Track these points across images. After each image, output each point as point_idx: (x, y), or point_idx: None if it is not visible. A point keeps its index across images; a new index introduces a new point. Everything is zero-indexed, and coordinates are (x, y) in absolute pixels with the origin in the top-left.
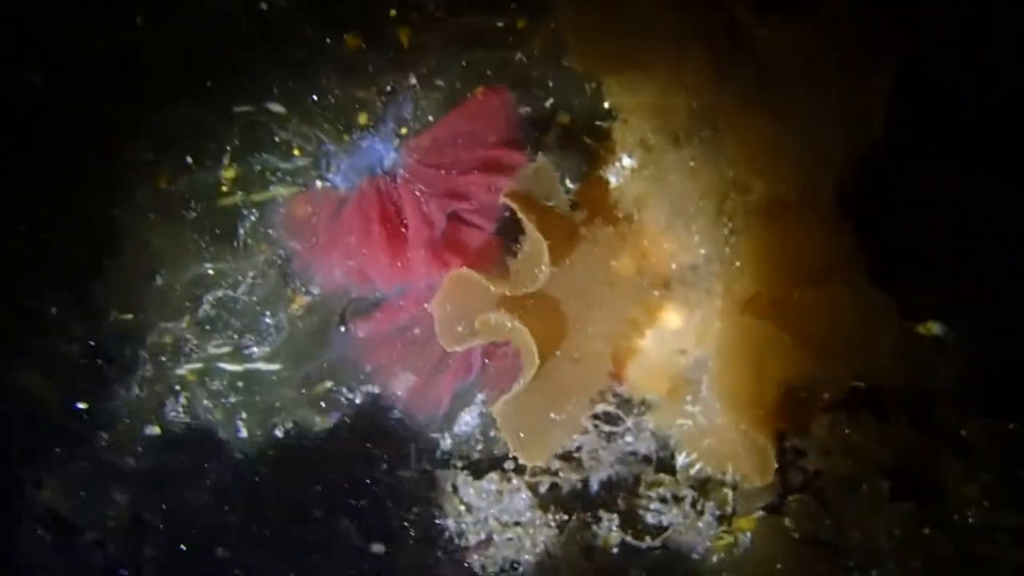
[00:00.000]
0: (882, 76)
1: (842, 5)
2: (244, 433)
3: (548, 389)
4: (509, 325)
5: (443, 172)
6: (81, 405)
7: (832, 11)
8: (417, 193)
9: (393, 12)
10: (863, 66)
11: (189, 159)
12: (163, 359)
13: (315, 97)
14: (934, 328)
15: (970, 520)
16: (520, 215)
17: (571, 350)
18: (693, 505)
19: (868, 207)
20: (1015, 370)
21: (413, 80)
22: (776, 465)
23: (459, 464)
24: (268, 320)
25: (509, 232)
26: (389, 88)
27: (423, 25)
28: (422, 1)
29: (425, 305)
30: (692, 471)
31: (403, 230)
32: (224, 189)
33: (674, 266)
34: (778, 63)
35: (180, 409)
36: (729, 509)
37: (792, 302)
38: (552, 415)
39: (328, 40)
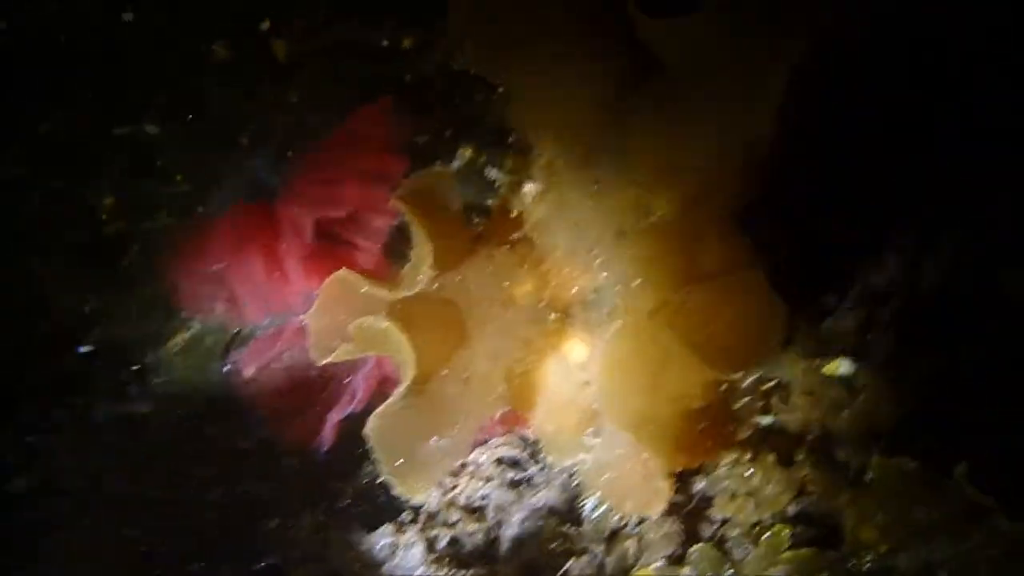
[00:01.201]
0: (776, 72)
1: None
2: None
3: (431, 409)
4: (384, 326)
5: (320, 187)
6: None
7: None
8: (295, 210)
9: (266, 23)
10: (757, 61)
11: (61, 183)
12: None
13: (191, 116)
14: (841, 367)
15: (868, 565)
16: (408, 216)
17: (459, 369)
18: (596, 559)
19: (769, 219)
20: (921, 407)
21: (294, 97)
22: (670, 493)
23: (358, 515)
24: (149, 358)
25: (398, 255)
26: (267, 105)
27: (300, 39)
28: (297, 13)
29: (300, 317)
30: (596, 517)
31: (277, 248)
32: (104, 217)
33: (575, 290)
34: (675, 68)
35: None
36: (630, 561)
37: (683, 305)
38: (434, 439)
39: (200, 52)
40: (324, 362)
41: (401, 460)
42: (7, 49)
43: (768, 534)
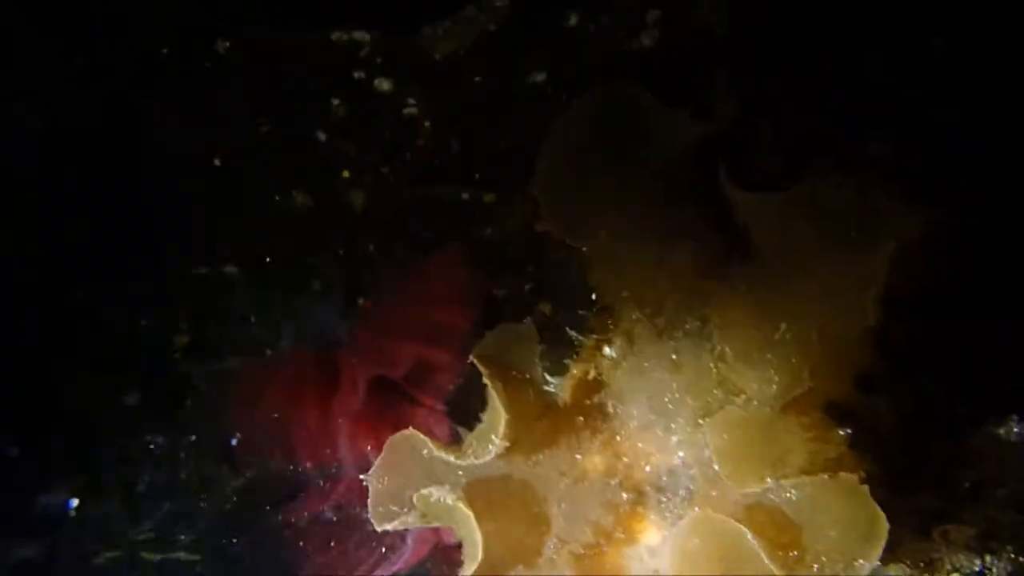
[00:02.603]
0: (877, 260)
1: (835, 187)
2: None
3: None
4: (451, 502)
5: (384, 339)
6: None
7: (824, 192)
8: (362, 364)
9: (347, 173)
10: (856, 249)
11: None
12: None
13: (268, 259)
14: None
15: None
16: (485, 379)
17: (522, 549)
18: None
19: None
20: None
21: (370, 247)
22: None
23: None
24: (201, 503)
25: (462, 415)
26: (341, 253)
27: (379, 190)
28: (378, 165)
29: (361, 477)
30: None
31: (334, 399)
32: (176, 356)
33: (648, 468)
34: (769, 251)
35: None
36: None
37: (766, 503)
38: None
39: (278, 198)
40: (383, 528)
41: None
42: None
43: None
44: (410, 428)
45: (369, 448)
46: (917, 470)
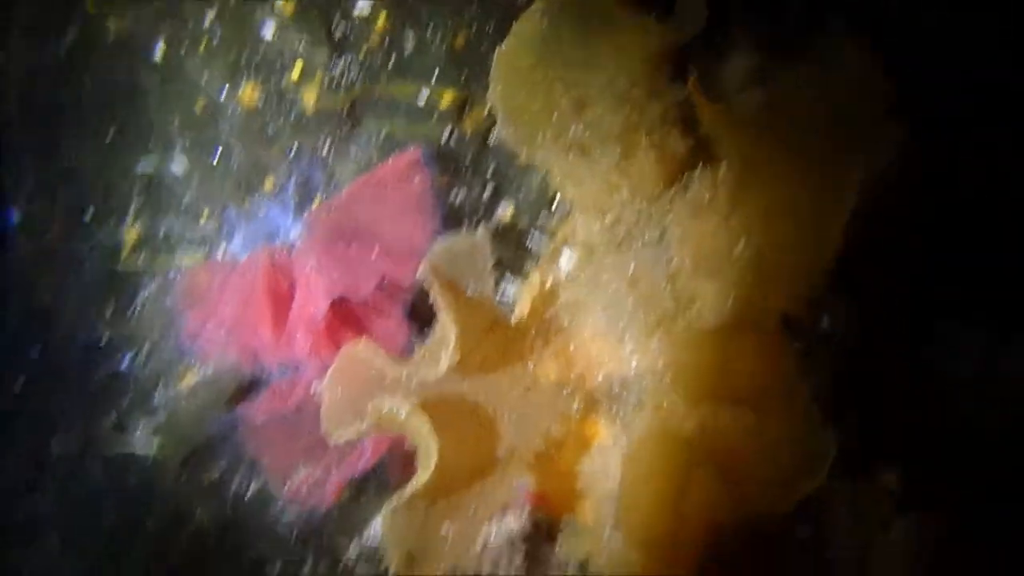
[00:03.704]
0: (846, 190)
1: (816, 106)
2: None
3: (445, 499)
4: (404, 414)
5: (341, 245)
6: None
7: (797, 104)
8: (308, 268)
9: (297, 72)
10: (828, 169)
11: (87, 217)
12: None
13: (216, 155)
14: (891, 480)
15: None
16: (435, 293)
17: (476, 457)
18: None
19: (820, 333)
20: (970, 533)
21: (324, 147)
22: None
23: (364, 574)
24: (156, 398)
25: (420, 319)
26: (292, 152)
27: (331, 88)
28: (330, 63)
29: (313, 387)
30: None
31: (289, 305)
32: (124, 253)
33: (601, 377)
34: (735, 162)
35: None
36: None
37: (719, 423)
38: (445, 529)
39: (225, 92)
40: (336, 438)
41: (410, 549)
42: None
43: None
44: (363, 339)
45: (329, 356)
46: (865, 374)
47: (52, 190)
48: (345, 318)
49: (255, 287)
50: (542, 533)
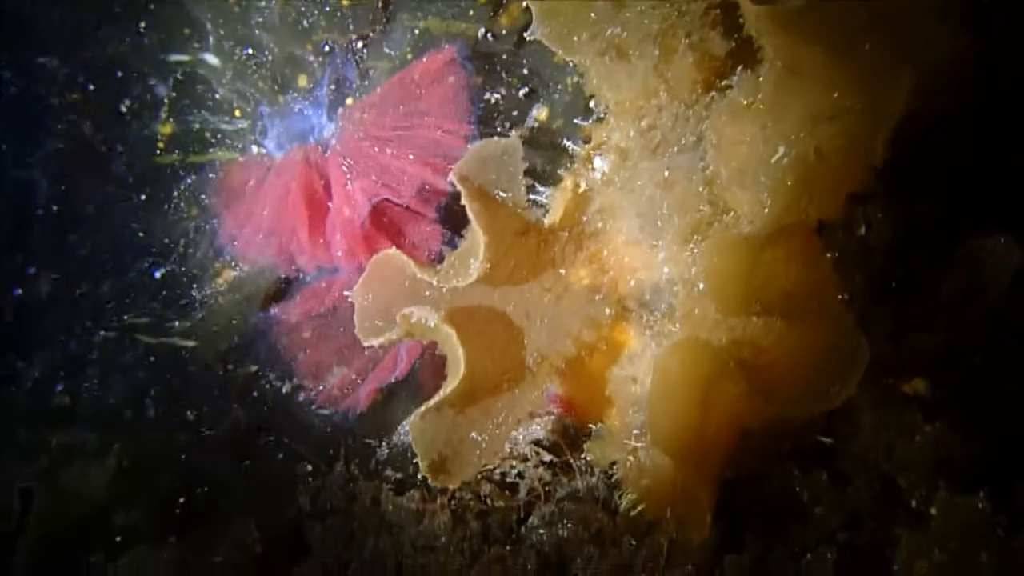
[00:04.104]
0: (895, 96)
1: (866, 5)
2: (152, 413)
3: (474, 405)
4: (434, 324)
5: (377, 147)
6: None
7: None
8: (344, 169)
9: None
10: (874, 82)
11: (123, 107)
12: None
13: (250, 50)
14: (920, 387)
15: None
16: (465, 200)
17: (505, 364)
18: (627, 553)
19: (858, 241)
20: (998, 443)
21: (358, 43)
22: (709, 522)
23: (392, 476)
24: (193, 293)
25: (455, 222)
26: (326, 48)
27: None
28: None
29: (346, 292)
30: (634, 514)
31: (327, 206)
32: (161, 146)
33: (632, 283)
34: (777, 67)
35: (94, 380)
36: (662, 561)
37: (751, 332)
38: (474, 435)
39: None
40: (369, 343)
41: (438, 455)
42: None
43: (810, 556)
44: (393, 248)
45: (365, 259)
46: (900, 281)
47: (84, 83)
48: (380, 221)
49: (292, 188)
50: (568, 439)
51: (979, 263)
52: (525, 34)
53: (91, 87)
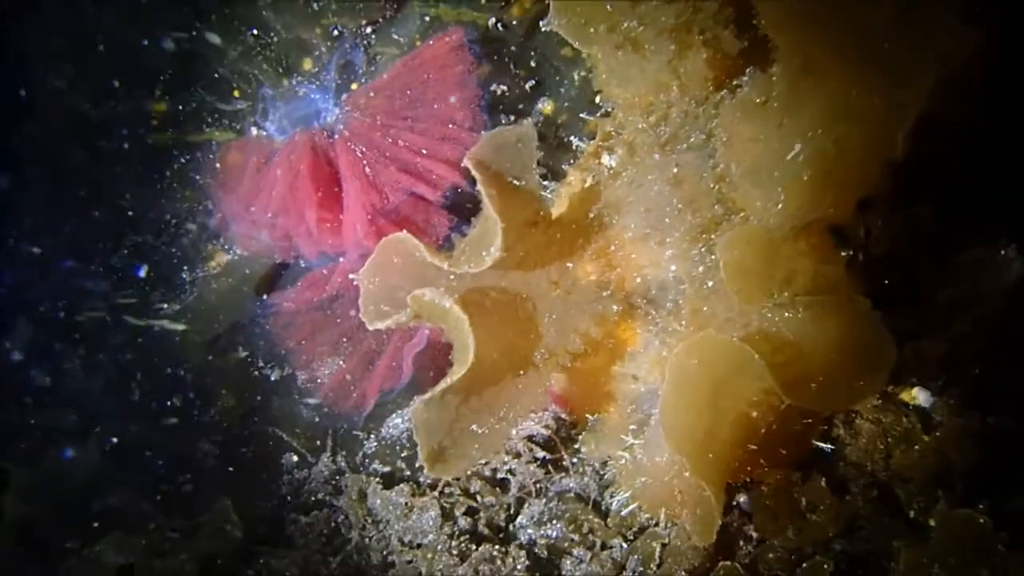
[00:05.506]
0: (917, 89)
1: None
2: (136, 397)
3: (478, 396)
4: (447, 306)
5: (387, 133)
6: None
7: (868, 8)
8: (359, 154)
9: None
10: (895, 76)
11: (116, 83)
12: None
13: (255, 31)
14: (919, 397)
15: None
16: (480, 186)
17: (512, 357)
18: (617, 557)
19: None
20: (999, 454)
21: (366, 28)
22: (718, 524)
23: (379, 469)
24: (183, 275)
25: (461, 211)
26: (335, 32)
27: None
28: None
29: (351, 276)
30: (626, 514)
31: (335, 191)
32: (155, 123)
33: (639, 280)
34: (792, 64)
35: (77, 361)
36: (654, 567)
37: (771, 326)
38: (475, 428)
39: None
40: (375, 327)
41: (439, 444)
42: None
43: (806, 565)
44: (403, 231)
45: (373, 245)
46: (899, 288)
47: (79, 55)
48: (388, 207)
49: (301, 171)
50: (562, 435)
51: (979, 271)
52: (541, 23)
53: (85, 60)
